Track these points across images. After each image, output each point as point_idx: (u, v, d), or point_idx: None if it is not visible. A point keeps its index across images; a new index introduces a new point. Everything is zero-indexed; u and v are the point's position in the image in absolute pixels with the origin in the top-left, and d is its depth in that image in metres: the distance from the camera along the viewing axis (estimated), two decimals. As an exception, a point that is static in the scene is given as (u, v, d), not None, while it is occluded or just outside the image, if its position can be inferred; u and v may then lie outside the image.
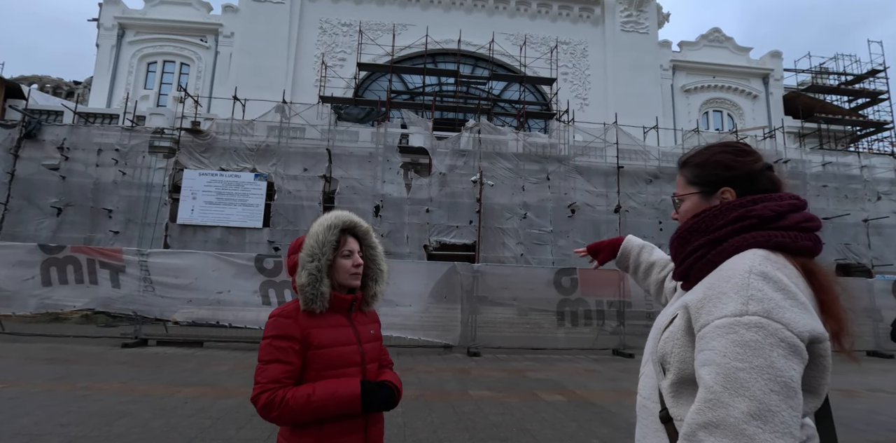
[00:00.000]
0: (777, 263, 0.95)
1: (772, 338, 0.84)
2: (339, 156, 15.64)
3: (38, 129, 15.12)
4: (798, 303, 0.89)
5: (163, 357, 8.23)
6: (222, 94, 19.04)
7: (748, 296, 0.89)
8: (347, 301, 1.59)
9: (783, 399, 0.81)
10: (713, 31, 26.93)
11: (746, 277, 0.91)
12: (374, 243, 1.68)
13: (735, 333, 0.86)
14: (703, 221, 1.08)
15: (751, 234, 1.02)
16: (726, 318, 0.88)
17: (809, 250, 1.03)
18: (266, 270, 9.36)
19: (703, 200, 1.15)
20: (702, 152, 1.19)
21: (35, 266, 9.36)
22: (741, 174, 1.12)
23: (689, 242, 1.09)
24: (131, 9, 22.75)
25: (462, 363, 8.29)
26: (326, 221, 1.57)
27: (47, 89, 23.98)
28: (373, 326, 1.69)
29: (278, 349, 1.44)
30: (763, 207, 1.04)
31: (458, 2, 24.32)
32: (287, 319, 1.48)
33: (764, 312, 0.86)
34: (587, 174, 16.66)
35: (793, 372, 0.83)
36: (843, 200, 18.31)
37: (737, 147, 1.16)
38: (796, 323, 0.85)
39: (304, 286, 1.50)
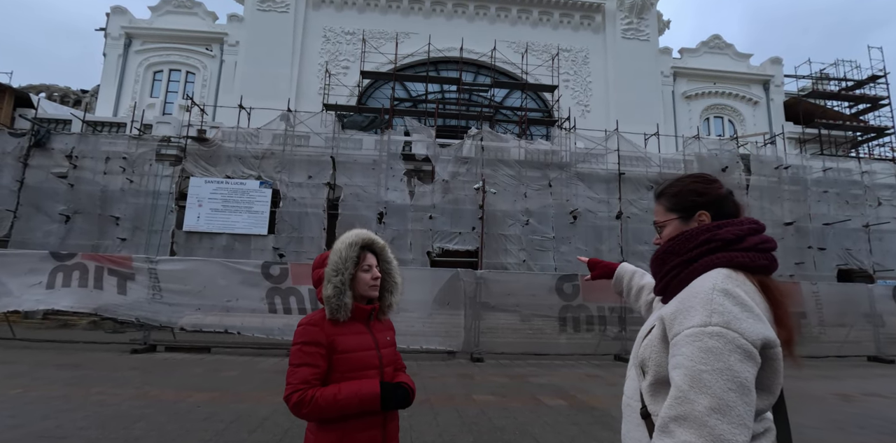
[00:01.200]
0: (737, 281, 1.13)
1: (730, 345, 1.01)
2: (343, 163, 15.84)
3: (47, 137, 15.36)
4: (753, 315, 1.06)
5: (172, 363, 8.38)
6: (228, 103, 19.29)
7: (711, 309, 1.06)
8: (367, 311, 1.77)
9: (739, 396, 0.98)
10: (713, 37, 27.14)
11: (710, 294, 1.09)
12: (389, 258, 1.86)
13: (700, 340, 1.03)
14: (678, 244, 1.26)
15: (716, 255, 1.20)
16: (693, 328, 1.06)
17: (766, 268, 1.21)
18: (272, 276, 9.51)
19: (683, 224, 1.33)
20: (676, 183, 1.38)
21: (45, 273, 9.52)
22: (712, 199, 1.31)
23: (667, 262, 1.27)
24: (138, 18, 23.06)
25: (466, 369, 8.43)
26: (348, 240, 1.75)
27: (55, 98, 24.29)
28: (388, 333, 1.86)
29: (307, 354, 1.61)
30: (726, 231, 1.22)
31: (460, 10, 24.62)
32: (314, 326, 1.66)
33: (724, 323, 1.03)
34: (589, 181, 16.82)
35: (747, 373, 1.00)
36: (843, 206, 18.41)
37: (705, 177, 1.36)
38: (750, 332, 1.03)
39: (330, 298, 1.67)
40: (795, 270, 16.93)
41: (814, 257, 17.32)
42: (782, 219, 17.57)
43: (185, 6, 23.32)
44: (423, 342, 9.37)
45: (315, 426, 1.64)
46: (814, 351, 10.87)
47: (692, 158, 17.86)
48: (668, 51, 26.10)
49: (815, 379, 8.30)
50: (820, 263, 17.38)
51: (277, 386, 6.40)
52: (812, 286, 11.68)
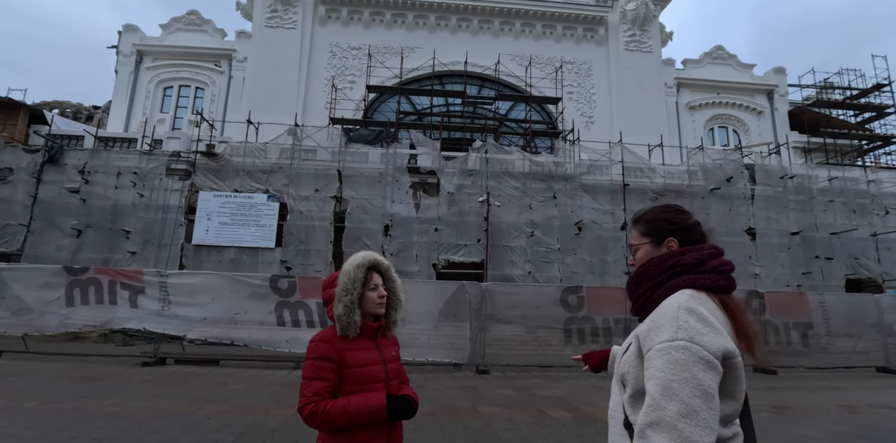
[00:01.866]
0: (699, 300, 1.28)
1: (694, 357, 1.15)
2: (350, 176, 16.05)
3: (60, 153, 15.69)
4: (714, 329, 1.21)
5: (182, 375, 8.50)
6: (236, 118, 19.63)
7: (677, 326, 1.21)
8: (374, 328, 1.90)
9: (703, 402, 1.12)
10: (716, 48, 27.33)
11: (676, 312, 1.24)
12: (394, 277, 2.00)
13: (668, 354, 1.18)
14: (649, 269, 1.43)
15: (681, 278, 1.35)
16: (663, 343, 1.20)
17: (724, 288, 1.36)
18: (281, 290, 9.65)
19: (654, 248, 1.48)
20: (651, 211, 1.54)
21: (60, 287, 9.73)
22: (680, 228, 1.47)
23: (640, 285, 1.43)
24: (149, 36, 23.61)
25: (471, 381, 8.49)
26: (356, 261, 1.89)
27: (68, 114, 24.80)
28: (394, 348, 1.99)
29: (319, 369, 1.75)
30: (690, 256, 1.38)
31: (464, 25, 25.00)
32: (326, 343, 1.80)
33: (688, 338, 1.18)
34: (593, 192, 16.92)
35: (710, 382, 1.14)
36: (850, 215, 18.33)
37: (676, 208, 1.52)
38: (711, 345, 1.17)
39: (341, 316, 1.81)
40: (803, 280, 16.87)
41: (821, 267, 17.24)
42: (788, 228, 17.55)
43: (194, 24, 23.85)
44: (428, 354, 9.44)
45: (326, 435, 1.77)
46: (821, 362, 10.84)
47: (696, 168, 17.93)
48: (672, 62, 26.32)
49: (822, 390, 8.29)
50: (828, 272, 17.29)
51: (285, 399, 6.52)
52: (818, 297, 11.67)
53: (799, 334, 11.21)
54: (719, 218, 17.13)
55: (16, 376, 7.77)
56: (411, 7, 24.39)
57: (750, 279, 16.27)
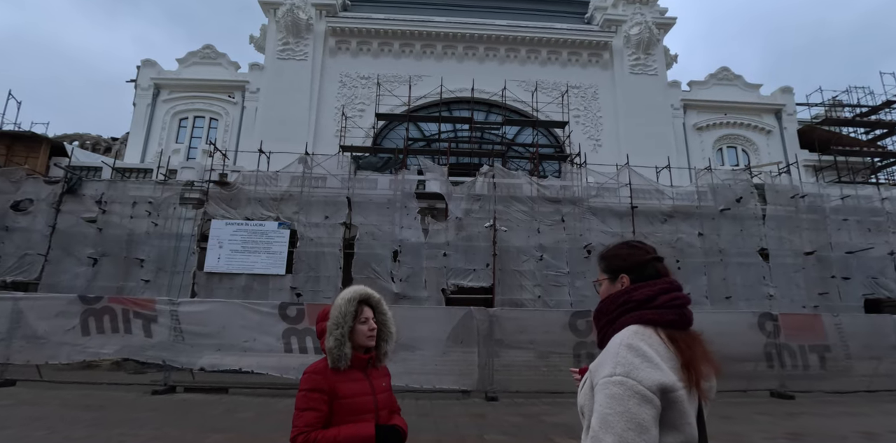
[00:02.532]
0: (643, 335, 1.35)
1: (629, 391, 1.23)
2: (359, 203, 16.25)
3: (78, 184, 16.14)
4: (652, 364, 1.27)
5: (190, 404, 8.53)
6: (248, 147, 20.09)
7: (616, 362, 1.29)
8: (365, 359, 1.98)
9: (637, 434, 1.19)
10: (721, 69, 27.58)
11: (618, 348, 1.32)
12: (385, 310, 2.08)
13: (607, 388, 1.26)
14: (604, 306, 1.52)
15: (630, 314, 1.43)
16: (604, 378, 1.28)
17: (673, 322, 1.41)
18: (289, 317, 9.72)
19: (611, 284, 1.57)
20: (610, 249, 1.63)
21: (75, 316, 9.89)
22: (632, 264, 1.54)
23: (599, 320, 1.53)
24: (166, 70, 24.47)
25: (479, 408, 8.40)
26: (347, 295, 1.97)
27: (87, 146, 25.60)
28: (384, 379, 2.06)
29: (311, 400, 1.82)
30: (639, 292, 1.46)
31: (470, 53, 25.60)
32: (318, 375, 1.88)
33: (624, 373, 1.26)
34: (602, 215, 16.92)
35: (645, 415, 1.21)
36: (866, 234, 18.05)
37: (631, 244, 1.60)
38: (647, 380, 1.24)
39: (332, 349, 1.89)
40: (820, 300, 16.54)
41: (838, 287, 16.91)
42: (802, 248, 17.31)
43: (210, 57, 24.72)
44: (436, 382, 9.37)
45: (317, 465, 1.81)
46: (841, 386, 10.56)
47: (705, 189, 17.88)
48: (678, 84, 26.59)
49: (841, 416, 8.07)
50: (845, 293, 16.95)
51: (293, 427, 6.50)
52: (834, 318, 11.45)
53: (817, 357, 10.95)
54: (730, 239, 16.99)
55: (28, 405, 7.86)
56: (419, 37, 25.09)
57: (765, 301, 16.01)
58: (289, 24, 23.93)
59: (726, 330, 10.60)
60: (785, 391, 10.21)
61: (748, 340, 10.53)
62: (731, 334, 10.46)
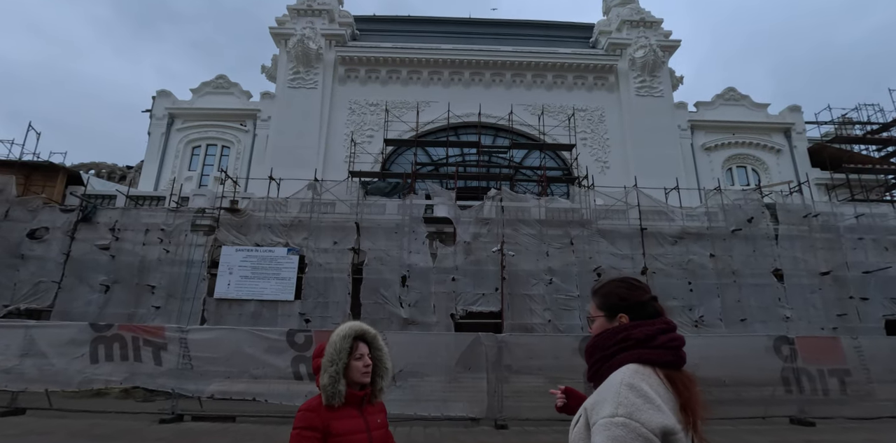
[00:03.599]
0: (643, 375, 1.34)
1: (633, 433, 1.20)
2: (367, 228, 16.35)
3: (93, 212, 16.44)
4: (654, 406, 1.26)
5: (197, 433, 8.46)
6: (259, 174, 20.41)
7: (618, 402, 1.27)
8: (359, 396, 1.98)
9: None
10: (728, 90, 27.70)
11: (619, 387, 1.30)
12: (380, 346, 2.08)
13: (609, 430, 1.23)
14: (601, 340, 1.50)
15: (629, 352, 1.42)
16: (605, 418, 1.26)
17: (671, 363, 1.41)
18: (297, 344, 9.68)
19: (607, 321, 1.56)
20: (606, 285, 1.62)
21: (85, 344, 9.93)
22: (632, 304, 1.54)
23: (593, 355, 1.50)
24: (180, 100, 25.14)
25: (488, 437, 8.23)
26: (342, 332, 1.99)
27: (103, 174, 26.19)
28: (380, 415, 2.05)
29: (304, 438, 1.83)
30: (639, 331, 1.45)
31: (477, 78, 26.03)
32: (312, 412, 1.88)
33: (627, 414, 1.23)
34: (611, 237, 16.83)
35: None
36: (883, 252, 17.69)
37: (630, 283, 1.58)
38: (650, 422, 1.22)
39: (326, 386, 1.89)
40: (838, 322, 16.15)
41: (857, 308, 16.53)
42: (817, 269, 17.01)
43: (222, 87, 25.40)
44: (444, 409, 9.23)
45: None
46: (864, 412, 10.21)
47: (716, 209, 17.77)
48: (684, 105, 26.72)
49: (863, 444, 7.80)
50: (864, 313, 16.54)
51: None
52: (853, 341, 11.13)
53: (837, 382, 10.61)
54: (743, 259, 16.76)
55: (37, 434, 7.85)
56: (426, 64, 25.61)
57: (781, 323, 15.68)
58: (299, 54, 24.60)
59: (741, 354, 10.38)
60: (805, 418, 9.89)
61: (764, 364, 10.26)
62: (746, 359, 10.24)
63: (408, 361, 9.40)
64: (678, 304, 15.60)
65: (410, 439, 7.64)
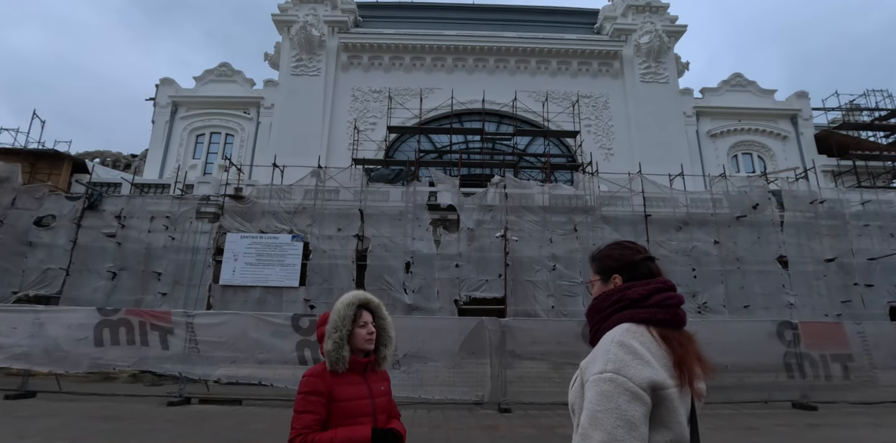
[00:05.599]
0: (634, 333, 1.35)
1: (619, 388, 1.23)
2: (371, 215, 16.37)
3: (99, 200, 16.52)
4: (642, 362, 1.27)
5: (205, 415, 8.59)
6: (263, 161, 20.42)
7: (607, 359, 1.29)
8: (363, 363, 2.00)
9: (627, 431, 1.19)
10: (734, 76, 27.34)
11: (609, 345, 1.32)
12: (384, 315, 2.10)
13: (597, 385, 1.26)
14: (597, 304, 1.52)
15: (623, 313, 1.43)
16: (595, 375, 1.28)
17: (666, 321, 1.41)
18: (302, 329, 9.77)
19: (604, 284, 1.57)
20: (601, 250, 1.63)
21: (90, 328, 10.05)
22: (624, 264, 1.55)
23: (591, 319, 1.51)
24: (184, 88, 25.09)
25: (492, 420, 8.32)
26: (346, 300, 2.01)
27: (108, 163, 26.22)
28: (383, 383, 2.07)
29: (309, 402, 1.84)
30: (633, 291, 1.46)
31: (480, 65, 25.82)
32: (316, 378, 1.90)
33: (615, 370, 1.25)
34: (615, 224, 16.79)
35: (635, 412, 1.21)
36: (888, 239, 17.58)
37: (622, 244, 1.60)
38: (637, 376, 1.24)
39: (330, 352, 1.92)
40: (842, 308, 16.13)
41: (861, 295, 16.49)
42: (822, 255, 16.95)
43: (225, 75, 25.29)
44: (448, 393, 9.31)
45: (315, 467, 1.83)
46: (867, 397, 10.24)
47: (720, 196, 17.67)
48: (690, 91, 26.43)
49: (865, 427, 7.83)
50: (869, 300, 16.51)
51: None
52: (857, 326, 11.14)
53: (840, 367, 10.64)
54: (748, 246, 16.72)
55: (48, 416, 7.98)
56: (429, 50, 25.40)
57: (785, 309, 15.67)
58: (302, 41, 24.43)
59: (744, 339, 10.40)
60: (807, 402, 9.93)
61: (767, 349, 10.29)
62: (749, 344, 10.26)
63: (412, 345, 9.47)
64: (682, 290, 15.38)
65: (414, 421, 7.73)
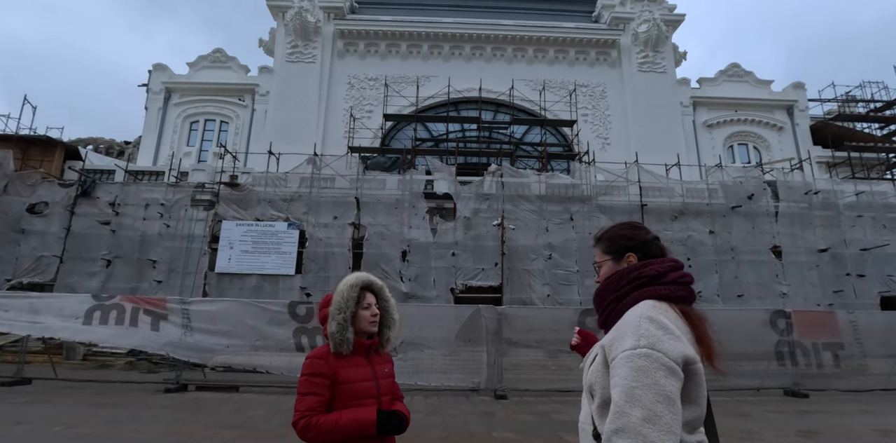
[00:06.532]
0: (660, 309, 1.34)
1: (656, 363, 1.21)
2: (367, 203, 16.32)
3: (92, 187, 16.37)
4: (674, 337, 1.26)
5: (202, 401, 8.61)
6: (258, 149, 20.26)
7: (639, 334, 1.26)
8: (367, 345, 1.98)
9: (666, 407, 1.17)
10: (731, 66, 27.25)
11: (638, 321, 1.30)
12: (387, 297, 2.09)
13: (631, 361, 1.23)
14: (613, 282, 1.49)
15: (643, 289, 1.42)
16: (626, 351, 1.26)
17: (684, 298, 1.42)
18: (299, 316, 9.77)
19: (615, 264, 1.55)
20: (610, 229, 1.61)
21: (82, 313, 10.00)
22: (638, 243, 1.54)
23: (605, 298, 1.48)
24: (177, 74, 24.75)
25: (488, 406, 8.39)
26: (349, 281, 1.99)
27: (101, 150, 25.95)
28: (387, 365, 2.06)
29: (313, 384, 1.83)
30: (651, 268, 1.45)
31: (477, 53, 25.60)
32: (320, 360, 1.88)
33: (649, 345, 1.24)
34: (611, 213, 16.82)
35: (672, 387, 1.19)
36: (881, 230, 17.76)
37: (633, 224, 1.59)
38: (672, 351, 1.23)
39: (334, 334, 1.90)
40: (834, 298, 16.31)
41: (853, 285, 16.68)
42: (815, 246, 17.10)
43: (220, 61, 24.95)
44: (444, 380, 9.38)
45: (319, 450, 1.83)
46: (857, 385, 10.40)
47: (716, 186, 17.72)
48: (687, 81, 26.36)
49: (856, 414, 7.95)
50: (860, 290, 16.70)
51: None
52: (849, 315, 11.27)
53: (830, 355, 10.78)
54: (742, 236, 16.82)
55: (44, 402, 7.98)
56: (426, 38, 25.14)
57: (778, 299, 15.83)
58: (297, 28, 24.10)
59: (737, 328, 10.47)
60: (799, 390, 10.07)
61: (760, 338, 10.40)
62: (743, 332, 10.34)
63: (408, 333, 9.49)
64: (677, 280, 15.68)
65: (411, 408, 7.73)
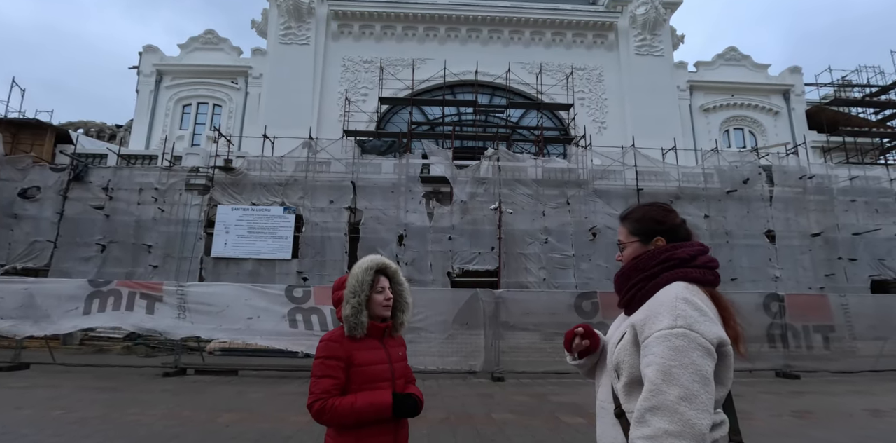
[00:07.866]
0: (693, 291, 1.35)
1: (693, 343, 1.22)
2: (364, 187, 16.25)
3: (85, 171, 16.17)
4: (709, 318, 1.28)
5: (201, 385, 8.66)
6: (252, 133, 20.04)
7: (676, 314, 1.27)
8: (381, 328, 1.99)
9: (702, 386, 1.18)
10: (729, 49, 27.06)
11: (674, 301, 1.30)
12: (401, 281, 2.08)
13: (669, 340, 1.24)
14: (641, 261, 1.48)
15: (675, 271, 1.41)
16: (662, 330, 1.26)
17: (712, 282, 1.43)
18: (296, 298, 9.78)
19: (642, 246, 1.54)
20: (638, 210, 1.59)
21: (81, 299, 9.97)
22: (668, 227, 1.53)
23: (632, 277, 1.47)
24: (168, 56, 24.30)
25: (486, 388, 8.49)
26: (364, 265, 1.98)
27: (92, 133, 25.58)
28: (400, 348, 2.07)
29: (328, 367, 1.83)
30: (682, 251, 1.45)
31: (474, 35, 25.26)
32: (335, 342, 1.88)
33: (687, 326, 1.24)
34: (607, 197, 16.85)
35: (707, 367, 1.21)
36: (874, 215, 17.92)
37: (663, 207, 1.57)
38: (708, 332, 1.24)
39: (349, 317, 1.89)
40: (826, 282, 16.53)
41: (845, 269, 16.88)
42: (809, 230, 17.25)
43: (211, 43, 24.48)
44: (441, 363, 9.46)
45: (334, 432, 1.85)
46: (847, 366, 10.59)
47: (712, 171, 17.76)
48: (684, 65, 26.18)
49: (847, 394, 8.12)
50: (852, 274, 16.92)
51: (301, 407, 6.58)
52: (841, 299, 11.42)
53: (821, 338, 10.96)
54: (737, 220, 16.93)
55: (43, 387, 8.00)
56: (421, 20, 24.75)
57: (771, 282, 16.01)
58: (290, 8, 23.64)
59: (732, 311, 10.60)
60: (790, 371, 10.26)
61: (753, 320, 10.51)
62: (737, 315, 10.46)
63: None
64: (672, 264, 15.81)
65: (410, 389, 7.86)
